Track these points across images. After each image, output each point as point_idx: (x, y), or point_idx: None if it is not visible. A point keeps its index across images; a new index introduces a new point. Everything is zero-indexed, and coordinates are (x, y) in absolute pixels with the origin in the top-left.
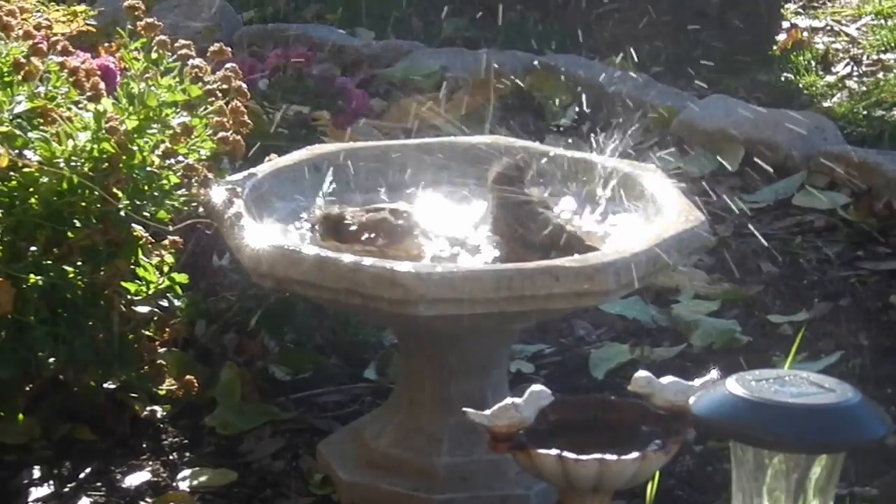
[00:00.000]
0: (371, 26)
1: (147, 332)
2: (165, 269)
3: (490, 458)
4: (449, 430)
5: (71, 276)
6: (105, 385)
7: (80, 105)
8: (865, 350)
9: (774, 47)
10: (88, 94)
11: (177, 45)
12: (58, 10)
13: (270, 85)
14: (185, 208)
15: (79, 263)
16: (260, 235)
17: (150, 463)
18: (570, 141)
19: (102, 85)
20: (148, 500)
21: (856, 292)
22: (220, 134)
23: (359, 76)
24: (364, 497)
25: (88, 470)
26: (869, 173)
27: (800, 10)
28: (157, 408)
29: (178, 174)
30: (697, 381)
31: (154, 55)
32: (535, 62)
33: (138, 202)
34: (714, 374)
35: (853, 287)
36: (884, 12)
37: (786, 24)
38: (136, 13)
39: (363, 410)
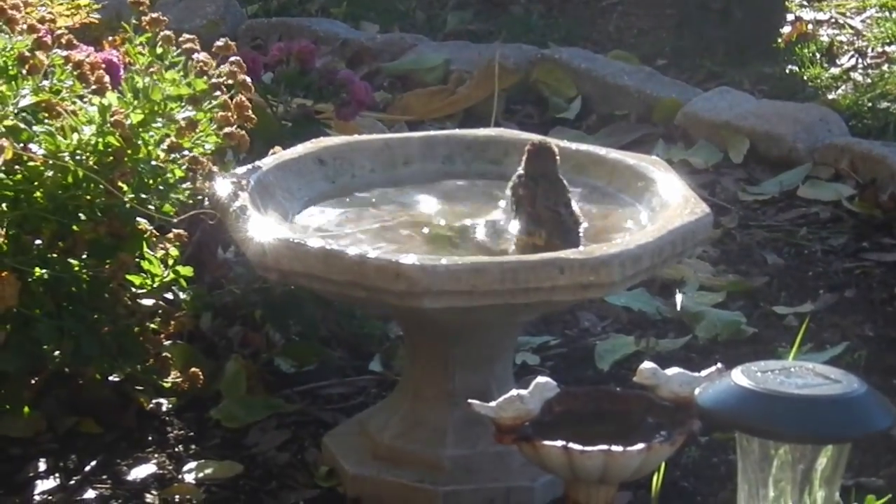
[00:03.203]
0: (375, 20)
1: (152, 325)
2: (170, 262)
3: (495, 449)
4: (454, 422)
5: (76, 269)
6: (110, 378)
7: (85, 99)
8: (871, 341)
9: (779, 40)
10: (93, 87)
11: (181, 39)
12: (61, 4)
13: (274, 78)
14: (190, 202)
15: (84, 257)
16: (265, 228)
17: (156, 455)
18: (575, 133)
19: (107, 79)
20: (153, 492)
21: (861, 283)
22: (226, 129)
23: (363, 69)
24: (369, 489)
25: (94, 463)
26: (873, 165)
27: (804, 2)
28: (162, 400)
29: (183, 168)
30: (703, 373)
31: (159, 49)
32: (540, 55)
33: (143, 195)
34: (719, 365)
35: (858, 278)
36: (888, 4)
37: (790, 17)
38: (141, 8)
39: (368, 403)
